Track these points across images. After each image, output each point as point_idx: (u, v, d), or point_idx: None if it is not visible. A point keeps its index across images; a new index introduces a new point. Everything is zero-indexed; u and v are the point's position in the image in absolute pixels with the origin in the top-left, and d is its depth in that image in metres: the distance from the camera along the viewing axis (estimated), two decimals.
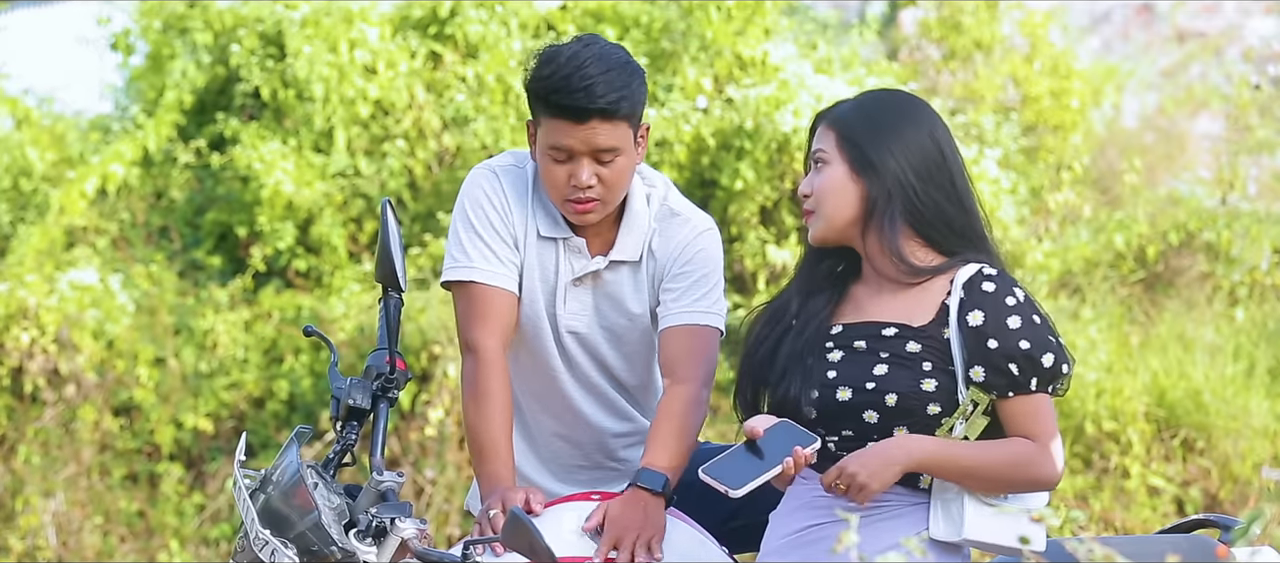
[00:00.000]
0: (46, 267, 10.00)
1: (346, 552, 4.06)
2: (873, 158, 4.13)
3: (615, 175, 4.39)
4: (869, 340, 4.09)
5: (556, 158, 4.38)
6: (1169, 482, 9.34)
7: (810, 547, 4.09)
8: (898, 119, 4.16)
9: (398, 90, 10.22)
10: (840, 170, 4.15)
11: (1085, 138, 10.94)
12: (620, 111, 4.34)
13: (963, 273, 4.07)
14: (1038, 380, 4.03)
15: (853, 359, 4.09)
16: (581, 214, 4.42)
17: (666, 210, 4.54)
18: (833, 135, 4.17)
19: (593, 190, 4.38)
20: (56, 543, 9.73)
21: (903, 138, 4.13)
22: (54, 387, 9.88)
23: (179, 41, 10.48)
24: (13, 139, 10.54)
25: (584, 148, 4.35)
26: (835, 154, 4.16)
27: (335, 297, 9.92)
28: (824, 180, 4.16)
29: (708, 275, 4.49)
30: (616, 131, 4.35)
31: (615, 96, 4.32)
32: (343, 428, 4.30)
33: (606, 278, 4.52)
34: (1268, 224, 9.95)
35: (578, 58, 4.34)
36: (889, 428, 4.04)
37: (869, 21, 11.04)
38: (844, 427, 4.08)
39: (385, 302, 4.30)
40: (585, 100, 4.31)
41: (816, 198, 4.17)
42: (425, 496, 9.55)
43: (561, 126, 4.35)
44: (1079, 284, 10.02)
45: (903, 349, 4.05)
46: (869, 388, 4.05)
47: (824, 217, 4.16)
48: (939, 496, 4.04)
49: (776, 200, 9.84)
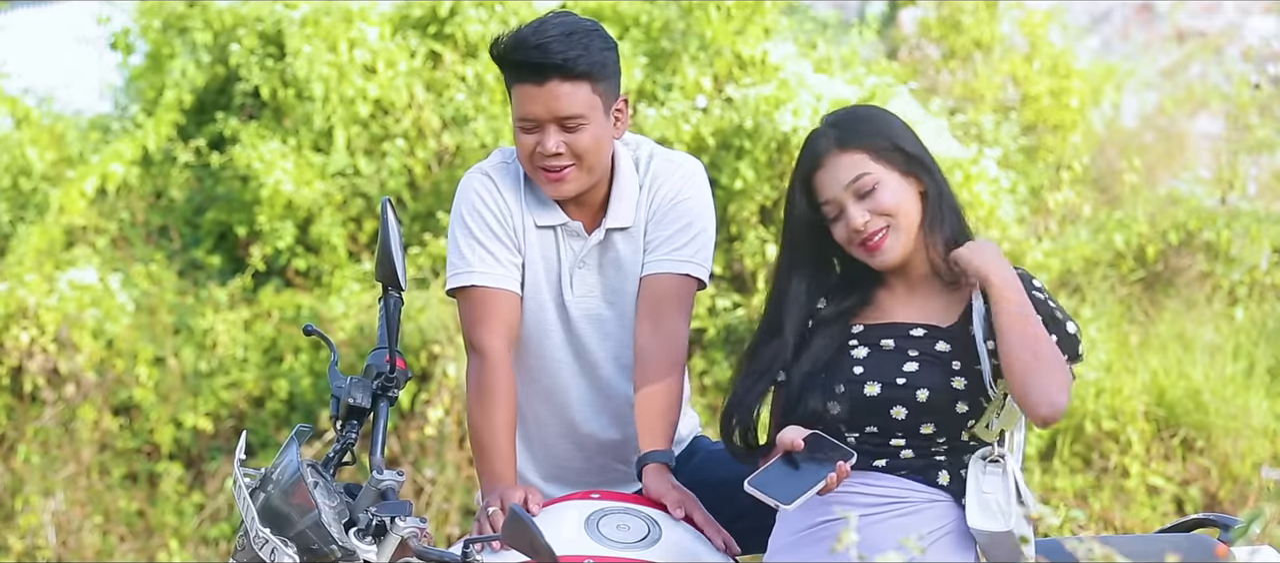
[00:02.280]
0: (46, 266, 10.00)
1: (346, 551, 4.06)
2: (914, 153, 4.09)
3: (585, 144, 4.38)
4: (897, 339, 4.08)
5: (524, 128, 4.39)
6: (1169, 481, 9.34)
7: (819, 544, 4.09)
8: (895, 121, 4.17)
9: (397, 90, 10.22)
10: (894, 179, 4.07)
11: (1085, 137, 10.94)
12: (577, 69, 4.33)
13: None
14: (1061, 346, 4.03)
15: (880, 356, 4.07)
16: (553, 183, 4.42)
17: (660, 159, 4.54)
18: (864, 156, 4.08)
19: (562, 158, 4.38)
20: (56, 543, 9.73)
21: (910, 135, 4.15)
22: (54, 386, 9.87)
23: (179, 41, 10.48)
24: (12, 139, 10.54)
25: (547, 114, 4.35)
26: (879, 168, 4.07)
27: (335, 296, 9.92)
28: (889, 196, 4.06)
29: (693, 224, 4.50)
30: (578, 93, 4.34)
31: (573, 54, 4.31)
32: (343, 427, 4.30)
33: (607, 249, 4.52)
34: (1268, 224, 9.95)
35: (541, 21, 4.37)
36: (916, 426, 4.03)
37: (869, 21, 11.03)
38: (868, 423, 4.07)
39: (385, 301, 4.30)
40: (540, 56, 4.31)
41: (889, 214, 4.06)
42: (425, 495, 9.54)
43: (525, 92, 4.36)
44: (1079, 284, 10.02)
45: (932, 348, 4.05)
46: (899, 383, 4.04)
47: (903, 230, 4.07)
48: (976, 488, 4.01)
49: (776, 200, 9.83)
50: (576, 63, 4.33)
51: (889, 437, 4.06)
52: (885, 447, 4.07)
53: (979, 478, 4.02)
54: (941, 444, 4.06)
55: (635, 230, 4.52)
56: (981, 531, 3.98)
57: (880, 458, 4.07)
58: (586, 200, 4.50)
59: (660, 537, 4.22)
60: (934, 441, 4.05)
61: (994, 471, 4.02)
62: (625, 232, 4.52)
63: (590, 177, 4.43)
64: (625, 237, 4.52)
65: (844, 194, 4.08)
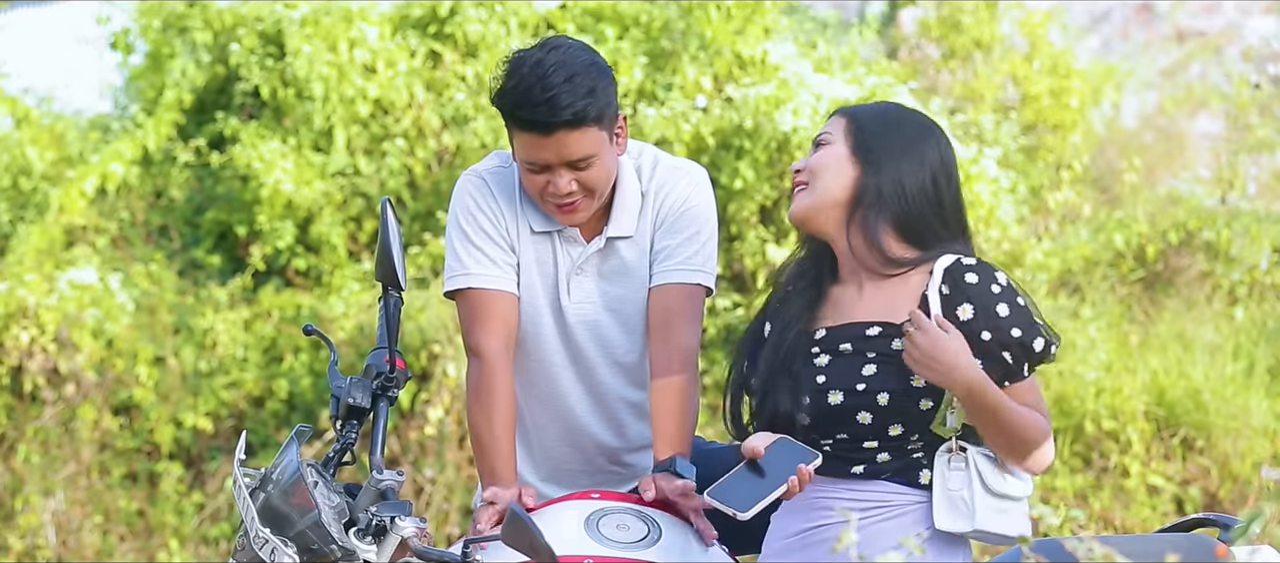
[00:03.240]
0: (46, 266, 10.00)
1: (346, 551, 4.06)
2: (876, 151, 4.13)
3: (595, 178, 4.38)
4: (854, 342, 4.08)
5: (531, 169, 4.38)
6: (1168, 481, 9.34)
7: (813, 548, 4.09)
8: (912, 131, 4.18)
9: (397, 89, 10.22)
10: (841, 150, 4.16)
11: (1085, 137, 10.94)
12: (587, 119, 4.30)
13: (941, 263, 4.07)
14: (1029, 366, 4.05)
15: (840, 363, 4.08)
16: (567, 213, 4.43)
17: (665, 167, 4.54)
18: (843, 122, 4.19)
19: (573, 195, 4.38)
20: (56, 542, 9.73)
21: (912, 149, 4.14)
22: (53, 386, 9.87)
23: (179, 41, 10.48)
24: (12, 138, 10.54)
25: (557, 159, 4.34)
26: (840, 137, 4.17)
27: (335, 296, 9.92)
28: (821, 155, 4.17)
29: (700, 232, 4.50)
30: (586, 138, 4.32)
31: (581, 106, 4.28)
32: (342, 427, 4.30)
33: (607, 257, 4.52)
34: (1268, 223, 9.95)
35: (540, 67, 4.29)
36: (884, 428, 4.04)
37: (869, 21, 11.03)
38: (838, 431, 4.08)
39: (385, 300, 4.30)
40: (548, 114, 4.27)
41: (811, 171, 4.17)
42: (425, 494, 9.54)
43: (530, 140, 4.34)
44: (1079, 283, 10.01)
45: (888, 347, 4.05)
46: (860, 389, 4.05)
47: (814, 191, 4.16)
48: (942, 487, 4.03)
49: (776, 199, 9.83)
50: (585, 113, 4.29)
51: (861, 442, 4.06)
52: (860, 452, 4.07)
53: (944, 475, 4.03)
54: (916, 442, 4.06)
55: (640, 238, 4.51)
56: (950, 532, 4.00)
57: (857, 464, 4.07)
58: None
59: (660, 537, 4.22)
60: (908, 439, 4.05)
61: (958, 465, 4.03)
62: (628, 239, 4.51)
63: (601, 200, 4.44)
64: (628, 244, 4.51)
65: (816, 137, 4.24)
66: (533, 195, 4.44)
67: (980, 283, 4.03)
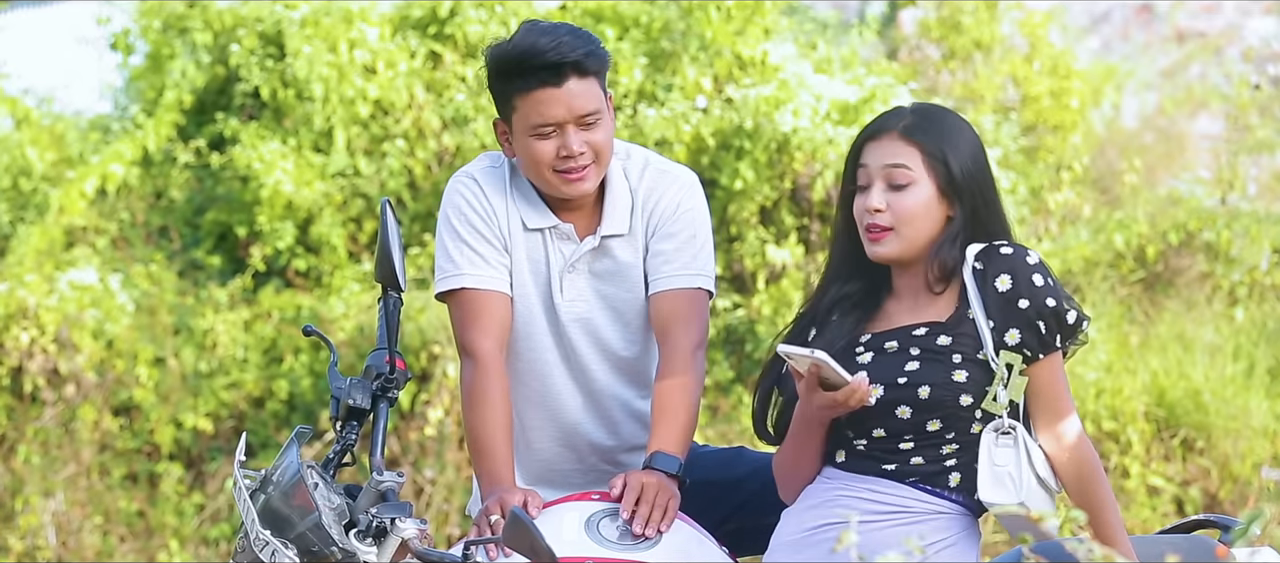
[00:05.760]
0: (46, 266, 10.00)
1: (347, 552, 4.06)
2: (960, 182, 4.09)
3: (602, 140, 4.40)
4: (900, 340, 4.09)
5: (542, 134, 4.38)
6: (1169, 482, 9.34)
7: (821, 546, 4.08)
8: (975, 147, 4.15)
9: (397, 90, 10.22)
10: (928, 192, 4.10)
11: (1085, 138, 10.94)
12: (591, 67, 4.36)
13: (972, 249, 4.08)
14: (1062, 336, 4.05)
15: (883, 359, 4.08)
16: (576, 182, 4.41)
17: (655, 170, 4.54)
18: (917, 153, 4.10)
19: (584, 156, 4.38)
20: (56, 543, 9.73)
21: (982, 169, 4.14)
22: (54, 386, 9.88)
23: (179, 41, 10.48)
24: (12, 139, 10.54)
25: (568, 114, 4.36)
26: (923, 174, 4.10)
27: (335, 296, 9.92)
28: (912, 202, 4.09)
29: (697, 236, 4.51)
30: (591, 90, 4.37)
31: (584, 50, 4.35)
32: (343, 428, 4.30)
33: (601, 255, 4.51)
34: (1268, 224, 9.95)
35: (535, 27, 4.40)
36: (922, 424, 4.03)
37: (869, 21, 11.03)
38: (875, 427, 4.07)
39: (385, 301, 4.30)
40: (557, 56, 4.32)
41: (899, 217, 4.09)
42: (425, 495, 9.54)
43: (541, 97, 4.35)
44: (1079, 284, 10.02)
45: (933, 343, 4.05)
46: (901, 383, 4.04)
47: (905, 238, 4.09)
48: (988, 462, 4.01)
49: (776, 200, 9.84)
50: (589, 60, 4.36)
51: (897, 440, 4.05)
52: (894, 452, 4.06)
53: (991, 450, 4.02)
54: (951, 442, 4.05)
55: (634, 238, 4.51)
56: (995, 504, 3.98)
57: (889, 463, 4.07)
58: (579, 203, 4.49)
59: (660, 538, 4.22)
60: (943, 438, 4.04)
61: (1006, 443, 4.02)
62: (622, 238, 4.51)
63: (603, 172, 4.44)
64: (622, 243, 4.50)
65: (878, 172, 4.11)
66: (540, 168, 4.42)
67: (1016, 255, 4.05)
